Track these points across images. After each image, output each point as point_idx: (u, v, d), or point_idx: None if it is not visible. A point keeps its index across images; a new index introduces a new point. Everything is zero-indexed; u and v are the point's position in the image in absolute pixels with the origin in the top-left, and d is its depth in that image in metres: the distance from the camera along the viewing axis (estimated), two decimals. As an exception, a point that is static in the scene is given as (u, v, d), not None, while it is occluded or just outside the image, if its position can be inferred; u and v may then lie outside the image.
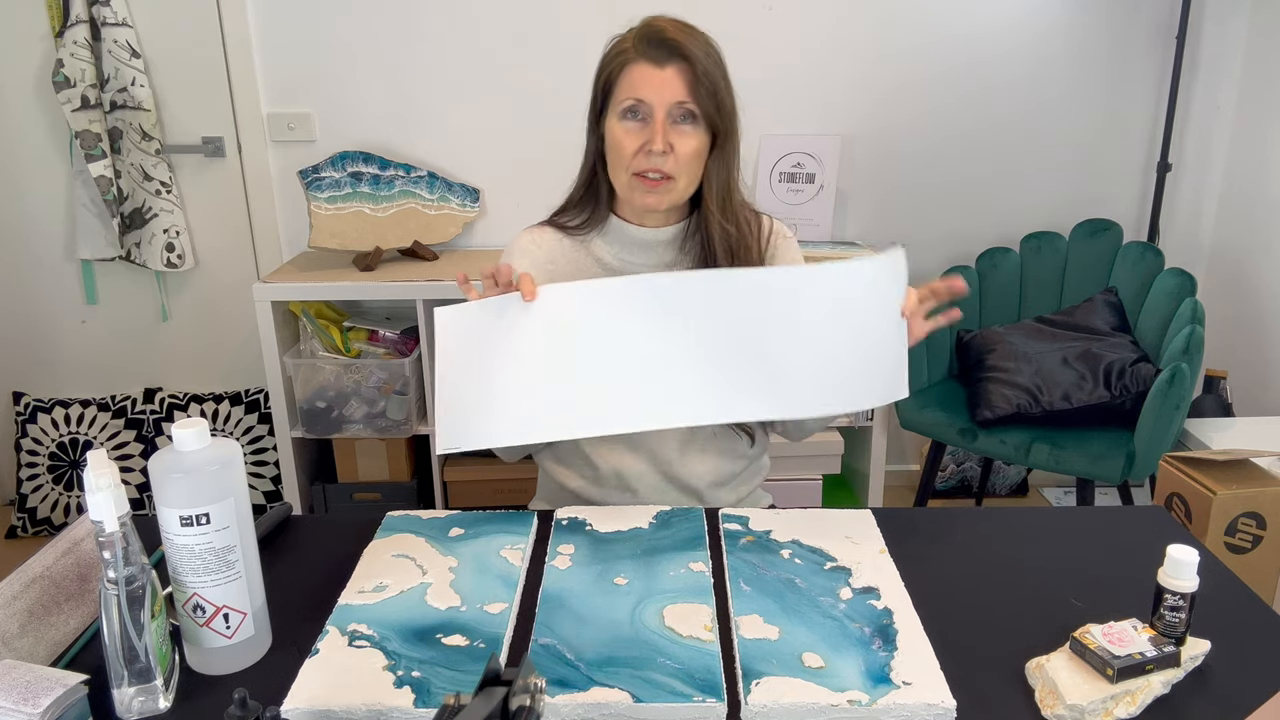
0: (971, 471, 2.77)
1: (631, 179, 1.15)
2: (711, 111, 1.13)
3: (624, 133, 1.14)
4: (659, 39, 1.11)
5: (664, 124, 1.12)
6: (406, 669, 0.83)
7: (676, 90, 1.11)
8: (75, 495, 2.60)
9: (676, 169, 1.14)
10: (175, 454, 0.82)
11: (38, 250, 2.54)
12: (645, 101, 1.12)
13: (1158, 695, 0.81)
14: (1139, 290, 2.29)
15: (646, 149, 1.13)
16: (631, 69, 1.13)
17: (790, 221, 2.44)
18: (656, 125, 1.12)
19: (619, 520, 1.10)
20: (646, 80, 1.12)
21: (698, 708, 0.78)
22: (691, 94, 1.12)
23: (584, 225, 1.25)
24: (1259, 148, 2.40)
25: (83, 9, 2.27)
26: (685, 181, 1.16)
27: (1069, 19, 2.41)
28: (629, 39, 1.15)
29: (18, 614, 0.85)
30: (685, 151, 1.14)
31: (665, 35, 1.11)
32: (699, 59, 1.11)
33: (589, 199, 1.24)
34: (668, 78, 1.11)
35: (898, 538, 1.07)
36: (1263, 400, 2.39)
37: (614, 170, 1.17)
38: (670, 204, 1.18)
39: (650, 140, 1.12)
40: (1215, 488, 1.49)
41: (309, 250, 2.42)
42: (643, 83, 1.12)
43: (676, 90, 1.11)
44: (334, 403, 2.30)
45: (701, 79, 1.11)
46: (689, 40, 1.12)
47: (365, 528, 1.10)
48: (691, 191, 1.19)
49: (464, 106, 2.45)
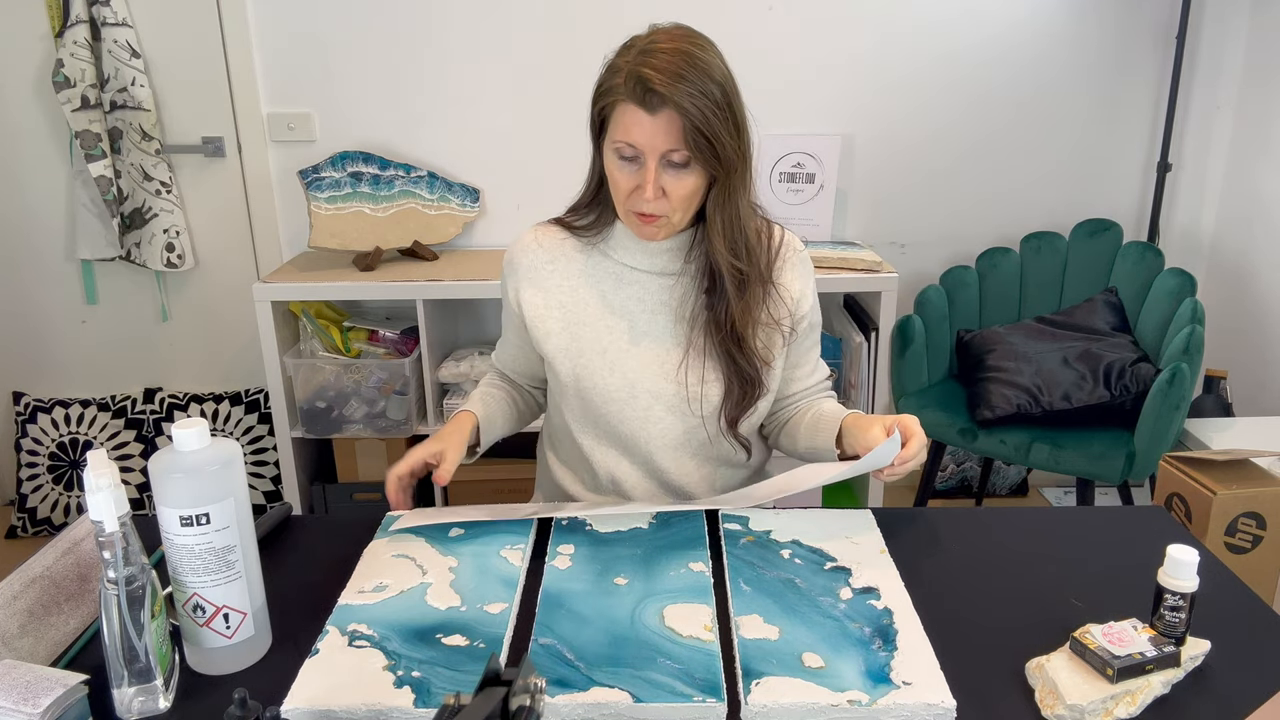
0: (971, 471, 2.77)
1: (628, 213, 1.13)
2: (708, 159, 1.07)
3: (618, 170, 1.10)
4: (649, 85, 1.02)
5: (656, 170, 1.07)
6: (406, 669, 0.83)
7: (668, 139, 1.05)
8: (75, 495, 2.60)
9: (671, 209, 1.10)
10: (175, 454, 0.82)
11: (38, 250, 2.54)
12: (635, 147, 1.07)
13: (1158, 695, 0.81)
14: (1139, 290, 2.29)
15: (639, 193, 1.09)
16: (623, 110, 1.06)
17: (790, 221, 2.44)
18: (648, 173, 1.07)
19: (619, 520, 1.10)
20: (638, 125, 1.05)
21: (698, 708, 0.78)
22: (683, 143, 1.05)
23: (591, 227, 1.23)
24: (1259, 148, 2.40)
25: (83, 9, 2.27)
26: (681, 215, 1.12)
27: (1069, 19, 2.41)
28: (622, 72, 1.06)
29: (18, 614, 0.85)
30: (679, 194, 1.09)
31: (653, 86, 1.03)
32: (689, 110, 1.03)
33: (597, 203, 1.22)
34: (659, 126, 1.05)
35: (898, 538, 1.07)
36: (1263, 400, 2.39)
37: (614, 200, 1.15)
38: (668, 235, 1.16)
39: (641, 186, 1.08)
40: (1215, 488, 1.49)
41: (309, 250, 2.42)
42: (634, 127, 1.05)
43: (668, 139, 1.05)
44: (334, 403, 2.30)
45: (691, 130, 1.04)
46: (679, 88, 1.03)
47: (365, 528, 1.10)
48: (690, 220, 1.15)
49: (464, 106, 2.45)
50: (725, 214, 1.13)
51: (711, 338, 1.18)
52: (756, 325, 1.17)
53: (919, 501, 2.38)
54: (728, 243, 1.14)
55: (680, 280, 1.20)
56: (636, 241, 1.20)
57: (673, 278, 1.20)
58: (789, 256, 1.23)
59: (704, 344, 1.18)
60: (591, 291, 1.22)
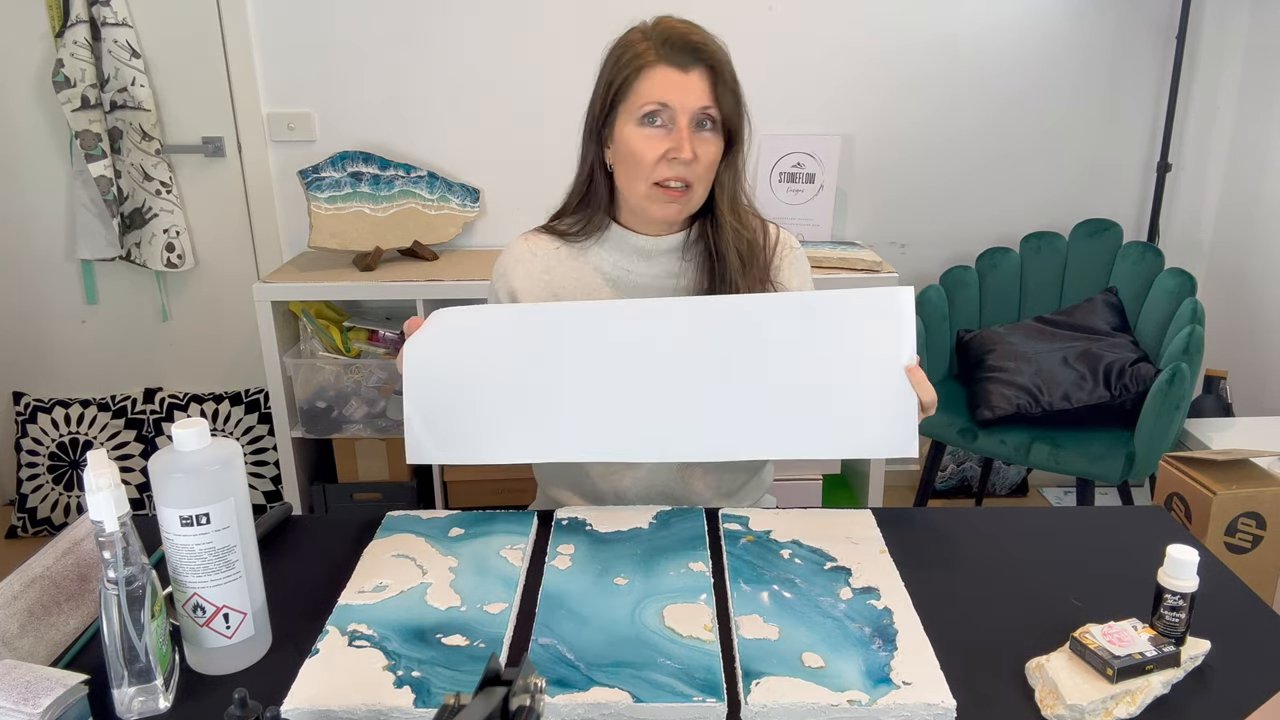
0: (971, 471, 2.77)
1: (651, 189, 1.11)
2: (734, 116, 1.09)
3: (644, 139, 1.09)
4: (682, 42, 1.07)
5: (688, 130, 1.08)
6: (406, 669, 0.83)
7: (701, 95, 1.07)
8: (75, 495, 2.60)
9: (697, 177, 1.10)
10: (175, 454, 0.82)
11: (38, 250, 2.54)
12: (669, 106, 1.07)
13: (1158, 695, 0.81)
14: (1139, 290, 2.29)
15: (670, 156, 1.08)
16: (652, 72, 1.07)
17: (790, 221, 2.45)
18: (681, 131, 1.07)
19: (619, 520, 1.10)
20: (670, 84, 1.07)
21: (698, 708, 0.78)
22: (715, 99, 1.08)
23: (582, 232, 1.21)
24: (1259, 148, 2.40)
25: (83, 9, 2.27)
26: (701, 189, 1.13)
27: (1069, 19, 2.41)
28: (644, 41, 1.09)
29: (18, 614, 0.85)
30: (707, 159, 1.10)
31: (690, 38, 1.07)
32: (723, 63, 1.08)
33: (586, 205, 1.20)
34: (692, 82, 1.07)
35: (898, 538, 1.07)
36: (1263, 400, 2.39)
37: (630, 179, 1.12)
38: (687, 214, 1.15)
39: (676, 148, 1.08)
40: (1215, 488, 1.49)
41: (309, 250, 2.42)
42: (666, 87, 1.07)
43: (701, 95, 1.07)
44: (334, 403, 2.30)
45: (721, 87, 1.08)
46: (711, 43, 1.08)
47: (365, 528, 1.10)
48: (704, 198, 1.15)
49: (464, 106, 2.45)
50: (730, 185, 1.15)
51: None
52: None
53: (919, 501, 2.38)
54: (734, 212, 1.15)
55: (678, 281, 1.20)
56: (632, 244, 1.19)
57: (671, 279, 1.20)
58: (785, 254, 1.23)
59: None
60: (588, 299, 1.20)
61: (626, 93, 1.10)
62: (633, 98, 1.09)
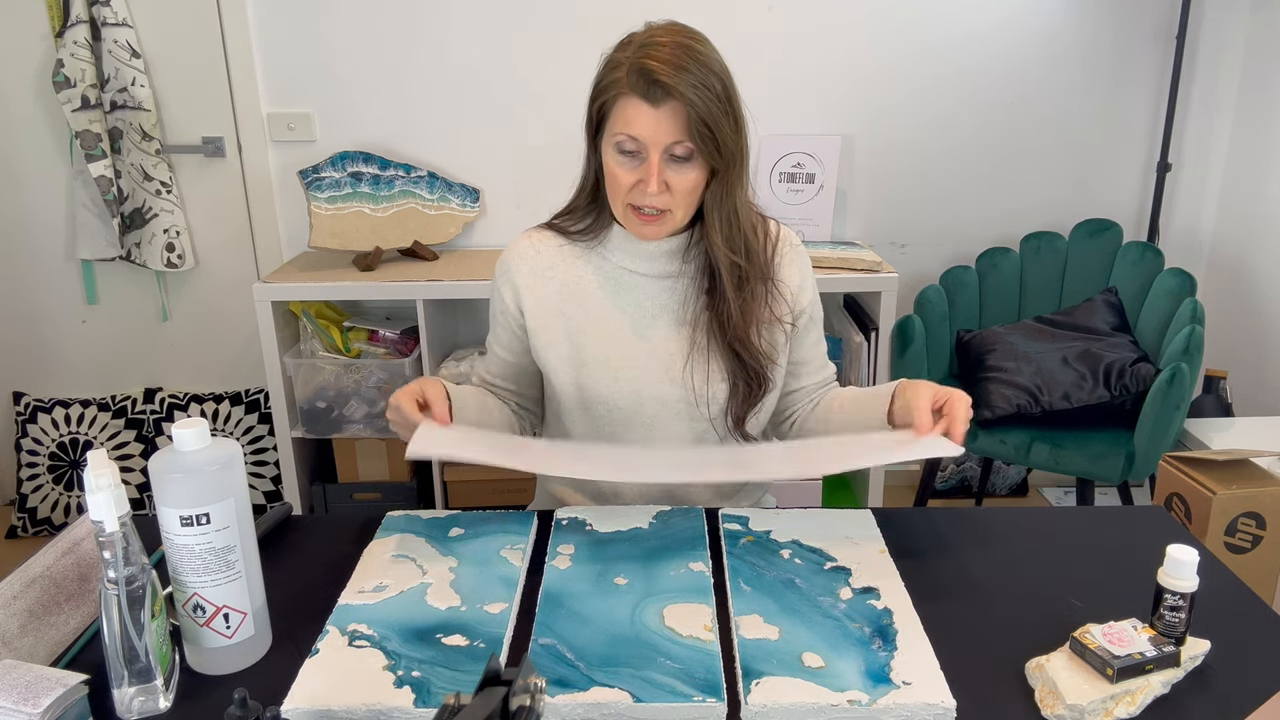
0: (971, 471, 2.77)
1: (627, 210, 1.12)
2: (710, 151, 1.07)
3: (618, 166, 1.09)
4: (653, 78, 1.03)
5: (659, 164, 1.07)
6: (406, 669, 0.83)
7: (671, 131, 1.05)
8: (75, 495, 2.60)
9: (673, 204, 1.10)
10: (175, 454, 0.82)
11: (38, 250, 2.54)
12: (639, 140, 1.06)
13: (1158, 695, 0.81)
14: (1139, 290, 2.29)
15: (641, 187, 1.08)
16: (625, 103, 1.06)
17: (790, 221, 2.45)
18: (651, 166, 1.07)
19: (619, 520, 1.10)
20: (640, 118, 1.05)
21: (698, 708, 0.78)
22: (687, 135, 1.05)
23: (586, 231, 1.21)
24: (1259, 148, 2.40)
25: (83, 9, 2.27)
26: (683, 212, 1.12)
27: (1069, 19, 2.41)
28: (623, 66, 1.06)
29: (18, 614, 0.85)
30: (682, 188, 1.09)
31: (658, 77, 1.03)
32: (694, 101, 1.04)
33: (593, 206, 1.20)
34: (661, 117, 1.05)
35: (898, 538, 1.07)
36: (1263, 400, 2.39)
37: (611, 198, 1.13)
38: (668, 233, 1.15)
39: (644, 180, 1.07)
40: (1215, 488, 1.49)
41: (309, 250, 2.42)
42: (636, 120, 1.05)
43: (671, 131, 1.05)
44: (334, 403, 2.30)
45: (695, 121, 1.04)
46: (683, 79, 1.03)
47: (365, 528, 1.10)
48: (690, 217, 1.14)
49: (464, 106, 2.45)
50: (724, 210, 1.12)
51: (715, 338, 1.17)
52: (760, 324, 1.17)
53: (919, 501, 2.38)
54: (726, 239, 1.13)
55: (680, 281, 1.20)
56: (634, 244, 1.19)
57: (672, 279, 1.20)
58: (786, 251, 1.23)
59: (707, 344, 1.17)
60: (591, 298, 1.21)
61: (606, 115, 1.10)
62: (610, 124, 1.09)
